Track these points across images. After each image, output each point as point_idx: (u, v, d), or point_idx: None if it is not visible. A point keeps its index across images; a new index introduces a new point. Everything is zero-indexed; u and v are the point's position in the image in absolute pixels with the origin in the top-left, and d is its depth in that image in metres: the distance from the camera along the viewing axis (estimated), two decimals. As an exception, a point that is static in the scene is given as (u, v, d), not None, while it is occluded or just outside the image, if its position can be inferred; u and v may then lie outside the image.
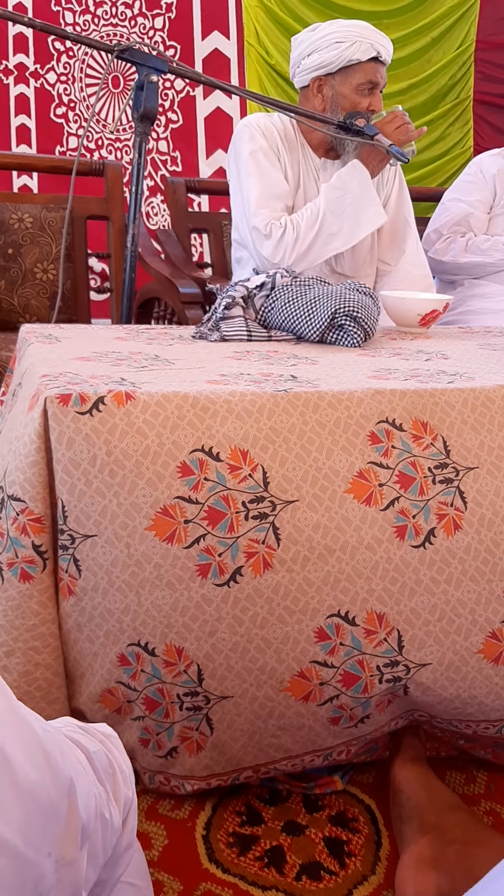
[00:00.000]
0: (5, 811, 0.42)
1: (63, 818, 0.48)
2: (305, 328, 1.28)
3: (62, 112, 3.77)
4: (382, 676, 0.94)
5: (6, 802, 0.43)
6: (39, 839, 0.45)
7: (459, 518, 0.95)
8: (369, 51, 1.78)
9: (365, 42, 1.79)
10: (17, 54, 3.75)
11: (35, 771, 0.45)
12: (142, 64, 1.54)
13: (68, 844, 0.48)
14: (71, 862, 0.48)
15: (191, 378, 0.97)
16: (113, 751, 0.64)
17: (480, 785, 1.10)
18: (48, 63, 3.73)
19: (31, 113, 3.81)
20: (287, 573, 0.90)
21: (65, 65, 3.70)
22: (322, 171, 1.91)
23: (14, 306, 2.16)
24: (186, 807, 1.02)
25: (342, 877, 0.94)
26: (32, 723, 0.48)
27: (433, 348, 1.31)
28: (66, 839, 0.48)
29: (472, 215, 2.25)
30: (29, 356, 1.10)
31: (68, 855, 0.48)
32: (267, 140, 1.85)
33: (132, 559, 0.87)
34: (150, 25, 3.54)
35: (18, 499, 0.87)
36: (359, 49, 1.79)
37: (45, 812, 0.46)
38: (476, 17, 3.36)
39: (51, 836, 0.46)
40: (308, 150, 1.92)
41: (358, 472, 0.92)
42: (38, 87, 3.77)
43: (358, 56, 1.79)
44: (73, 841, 0.49)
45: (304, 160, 1.91)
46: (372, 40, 1.80)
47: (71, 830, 0.48)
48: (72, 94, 3.72)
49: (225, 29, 3.45)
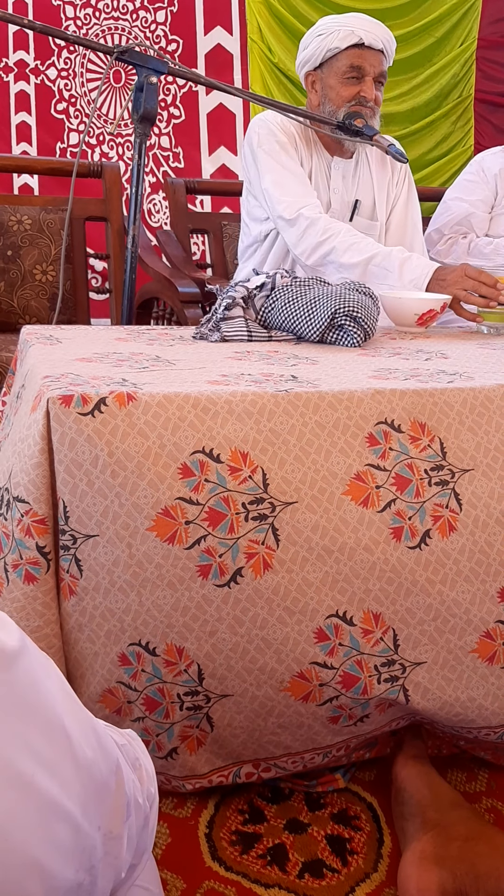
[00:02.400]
0: (67, 784, 0.46)
1: (112, 794, 0.52)
2: (305, 328, 1.29)
3: (63, 108, 3.76)
4: (380, 676, 0.94)
5: (67, 773, 0.46)
6: (93, 812, 0.49)
7: (454, 520, 0.95)
8: (350, 37, 1.75)
9: (344, 29, 1.76)
10: (17, 51, 3.74)
11: (90, 749, 0.49)
12: (141, 65, 1.55)
13: (115, 819, 0.52)
14: (117, 836, 0.52)
15: (192, 379, 0.98)
16: (136, 749, 0.67)
17: (482, 782, 1.10)
18: (48, 59, 3.71)
19: (32, 110, 3.80)
20: (287, 574, 0.90)
21: (65, 60, 3.68)
22: (333, 169, 1.91)
23: (14, 307, 2.17)
24: (189, 805, 1.02)
25: (344, 874, 0.95)
26: (82, 705, 0.52)
27: (433, 348, 1.32)
28: (113, 814, 0.52)
29: (474, 215, 2.25)
30: (31, 357, 1.11)
31: (115, 829, 0.52)
32: (285, 134, 1.85)
33: (133, 559, 0.87)
34: (151, 19, 3.52)
35: (23, 500, 0.88)
36: (337, 37, 1.76)
37: (98, 787, 0.49)
38: (478, 16, 3.35)
39: (102, 810, 0.50)
40: (320, 147, 1.91)
41: (356, 475, 0.93)
42: (39, 83, 3.76)
43: (336, 44, 1.76)
44: (119, 816, 0.53)
45: (318, 158, 1.91)
46: (354, 27, 1.76)
47: (118, 806, 0.52)
48: (73, 90, 3.71)
49: (228, 25, 3.43)
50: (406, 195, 1.99)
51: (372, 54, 1.78)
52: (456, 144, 3.49)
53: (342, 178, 1.91)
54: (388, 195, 1.96)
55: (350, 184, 1.92)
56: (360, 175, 1.93)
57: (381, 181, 1.95)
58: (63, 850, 0.46)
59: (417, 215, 2.03)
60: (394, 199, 1.97)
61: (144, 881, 0.70)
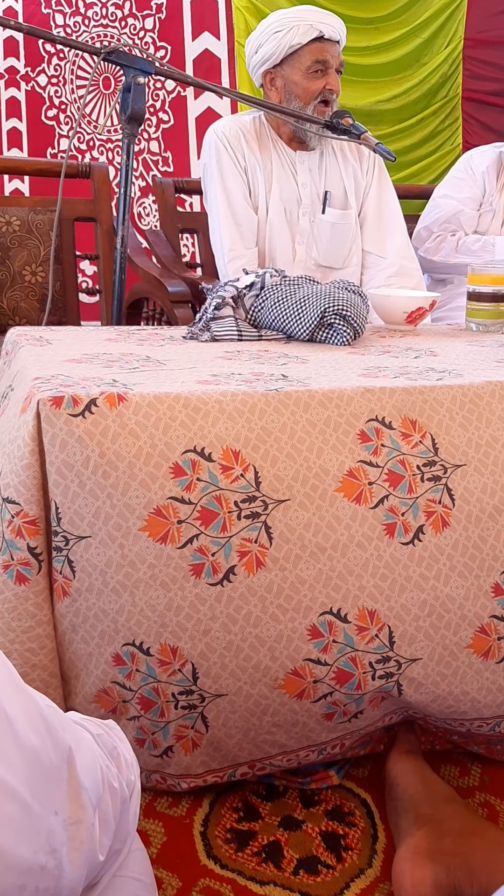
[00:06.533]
0: (9, 761, 0.47)
1: (65, 781, 0.53)
2: (295, 327, 1.29)
3: (53, 114, 3.77)
4: (375, 673, 0.95)
5: (10, 755, 0.47)
6: (44, 797, 0.50)
7: (447, 515, 0.96)
8: (310, 31, 1.76)
9: (303, 24, 1.76)
10: (7, 57, 3.75)
11: (36, 736, 0.50)
12: (129, 66, 1.55)
13: (74, 806, 0.53)
14: (78, 822, 0.53)
15: (182, 378, 0.98)
16: (114, 738, 0.68)
17: (475, 777, 1.11)
18: (39, 66, 3.72)
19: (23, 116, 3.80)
20: (280, 571, 0.90)
21: (55, 67, 3.70)
22: (299, 163, 1.91)
23: (3, 309, 2.16)
24: (184, 804, 1.03)
25: (339, 870, 0.95)
26: (35, 696, 0.53)
27: (422, 345, 1.32)
28: (72, 801, 0.53)
29: (462, 213, 2.26)
30: (20, 359, 1.11)
31: (75, 815, 0.53)
32: (232, 150, 1.87)
33: (126, 560, 0.87)
34: (140, 26, 3.53)
35: (13, 501, 0.88)
36: (297, 33, 1.77)
37: (48, 773, 0.51)
38: (464, 15, 3.37)
39: (56, 796, 0.51)
40: (281, 144, 1.92)
41: (348, 471, 0.93)
42: (29, 89, 3.76)
43: (298, 40, 1.77)
44: (78, 803, 0.54)
45: (278, 155, 1.92)
46: (312, 21, 1.76)
47: (73, 793, 0.53)
48: (63, 97, 3.72)
49: (215, 30, 3.44)
50: (377, 183, 1.99)
51: (332, 46, 1.80)
52: (444, 143, 3.51)
53: (309, 171, 1.92)
54: (357, 183, 1.96)
55: (318, 176, 1.93)
56: (326, 166, 1.94)
57: (348, 170, 1.95)
58: (13, 826, 0.47)
59: (394, 202, 2.02)
60: (365, 187, 1.98)
61: (136, 872, 0.70)
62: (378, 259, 1.99)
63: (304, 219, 1.93)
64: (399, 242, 1.99)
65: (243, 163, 1.88)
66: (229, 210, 1.87)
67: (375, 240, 1.99)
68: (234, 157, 1.87)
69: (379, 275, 1.97)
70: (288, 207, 1.92)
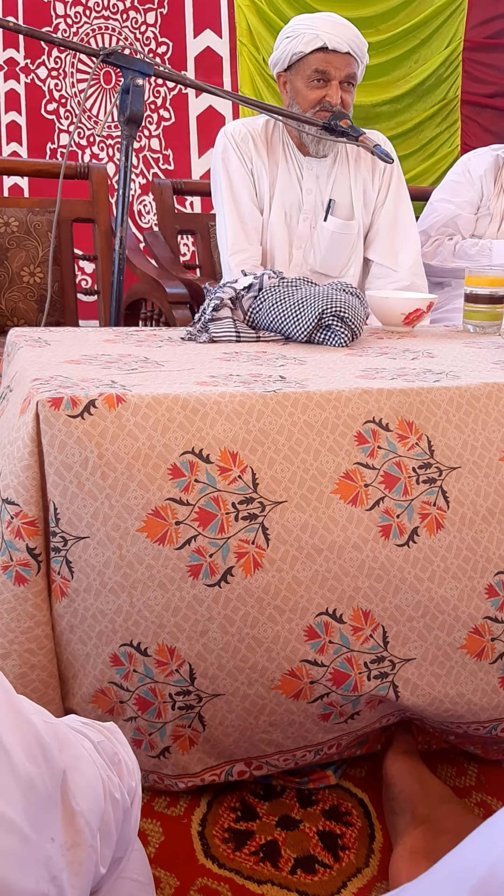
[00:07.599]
0: (6, 793, 0.46)
1: (59, 806, 0.52)
2: (293, 328, 1.30)
3: (53, 108, 3.73)
4: (370, 673, 0.95)
5: (7, 786, 0.47)
6: (40, 825, 0.49)
7: (442, 517, 0.96)
8: (314, 41, 1.75)
9: (309, 33, 1.75)
10: (7, 49, 3.71)
11: (31, 763, 0.49)
12: (127, 67, 1.55)
13: (70, 829, 0.53)
14: (75, 845, 0.53)
15: (181, 380, 0.98)
16: (116, 743, 0.67)
17: (471, 777, 1.11)
18: (39, 58, 3.69)
19: (22, 109, 3.77)
20: (277, 573, 0.91)
21: (55, 59, 3.66)
22: (306, 169, 1.92)
23: (2, 310, 2.17)
24: (182, 804, 1.03)
25: (336, 870, 0.96)
26: (32, 717, 0.52)
27: (419, 347, 1.33)
28: (65, 825, 0.52)
29: (460, 216, 2.27)
30: (19, 360, 1.11)
31: (71, 839, 0.53)
32: (239, 151, 1.88)
33: (124, 560, 0.88)
34: (141, 20, 3.51)
35: (13, 502, 0.88)
36: (301, 41, 1.76)
37: (42, 800, 0.50)
38: (464, 17, 3.37)
39: (51, 822, 0.51)
40: (291, 148, 1.92)
41: (344, 473, 0.93)
42: (29, 82, 3.73)
43: (301, 48, 1.76)
44: (73, 826, 0.53)
45: (287, 159, 1.92)
46: (319, 30, 1.75)
47: (67, 817, 0.53)
48: (63, 90, 3.69)
49: (217, 27, 3.44)
50: (395, 194, 1.97)
51: (337, 58, 1.77)
52: (442, 145, 3.51)
53: (316, 177, 1.92)
54: (366, 194, 1.96)
55: (324, 183, 1.93)
56: (335, 175, 1.93)
57: (358, 180, 1.95)
58: (14, 859, 0.46)
59: (409, 216, 2.00)
60: (376, 199, 1.97)
61: (134, 873, 0.70)
62: (389, 271, 1.98)
63: (303, 224, 1.93)
64: (412, 258, 1.97)
65: (250, 164, 1.89)
66: (234, 207, 1.88)
67: (388, 252, 1.97)
68: (242, 158, 1.88)
69: (388, 286, 1.96)
70: (288, 212, 1.92)
